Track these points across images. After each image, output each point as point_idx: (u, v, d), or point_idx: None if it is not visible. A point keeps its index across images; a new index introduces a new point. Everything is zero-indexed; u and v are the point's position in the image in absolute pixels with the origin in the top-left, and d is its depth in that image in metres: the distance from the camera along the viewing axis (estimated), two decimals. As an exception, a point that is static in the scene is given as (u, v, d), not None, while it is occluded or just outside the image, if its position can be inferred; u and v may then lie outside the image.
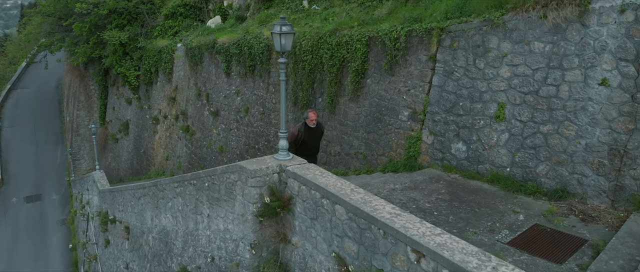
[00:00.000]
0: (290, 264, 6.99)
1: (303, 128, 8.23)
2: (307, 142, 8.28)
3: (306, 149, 8.26)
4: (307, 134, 8.23)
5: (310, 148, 8.37)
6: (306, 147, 8.28)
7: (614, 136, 7.28)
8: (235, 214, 7.24)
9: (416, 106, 9.77)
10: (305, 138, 8.22)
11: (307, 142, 8.29)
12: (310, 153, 8.37)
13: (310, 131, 8.26)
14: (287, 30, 6.72)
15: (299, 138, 8.19)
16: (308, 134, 8.24)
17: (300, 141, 8.21)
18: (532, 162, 8.08)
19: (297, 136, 8.18)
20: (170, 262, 9.53)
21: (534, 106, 8.05)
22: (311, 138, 8.33)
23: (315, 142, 8.52)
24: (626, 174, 7.21)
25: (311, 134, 8.30)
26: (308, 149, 8.31)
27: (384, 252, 5.39)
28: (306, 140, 8.25)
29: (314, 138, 8.41)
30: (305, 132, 8.21)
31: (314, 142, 8.46)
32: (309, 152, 8.32)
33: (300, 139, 8.20)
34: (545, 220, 7.11)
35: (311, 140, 8.35)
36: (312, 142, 8.42)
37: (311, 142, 8.38)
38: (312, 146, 8.46)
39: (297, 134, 8.19)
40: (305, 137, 8.21)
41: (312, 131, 8.30)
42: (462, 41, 8.93)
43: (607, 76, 7.32)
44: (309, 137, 8.28)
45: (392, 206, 5.67)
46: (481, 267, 4.47)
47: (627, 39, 7.14)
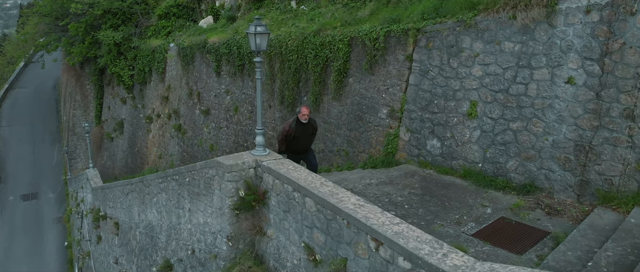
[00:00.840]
0: (266, 255, 7.27)
1: (294, 124, 8.12)
2: (298, 138, 8.17)
3: (297, 145, 8.22)
4: (299, 130, 8.13)
5: (301, 144, 8.29)
6: (297, 143, 8.21)
7: (579, 132, 7.56)
8: (214, 207, 7.51)
9: (394, 104, 10.04)
10: (296, 134, 8.11)
11: (299, 138, 8.18)
12: (302, 150, 8.34)
13: (302, 127, 8.16)
14: (261, 31, 6.99)
15: (290, 133, 8.10)
16: (300, 130, 8.14)
17: (291, 136, 8.11)
18: (503, 158, 8.36)
19: (288, 131, 8.09)
20: (156, 256, 9.81)
21: (504, 104, 8.33)
22: (302, 134, 8.20)
23: (307, 139, 8.38)
24: (591, 169, 7.49)
25: (303, 130, 8.19)
26: (299, 145, 8.25)
27: (347, 242, 5.67)
28: (297, 135, 8.14)
29: (305, 134, 8.27)
30: (296, 127, 8.10)
31: (305, 138, 8.32)
32: (300, 148, 8.30)
33: (291, 135, 8.10)
34: (511, 213, 7.39)
35: (302, 136, 8.22)
36: (304, 139, 8.30)
37: (302, 138, 8.25)
38: (304, 142, 8.33)
39: (288, 130, 8.09)
40: (296, 133, 8.11)
41: (304, 127, 8.18)
42: (437, 41, 9.21)
43: (573, 75, 7.60)
44: (301, 132, 8.17)
45: (356, 198, 5.94)
46: (432, 253, 4.74)
47: (592, 39, 7.42)
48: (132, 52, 23.01)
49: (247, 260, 7.17)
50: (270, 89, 13.88)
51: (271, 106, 13.95)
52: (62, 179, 32.43)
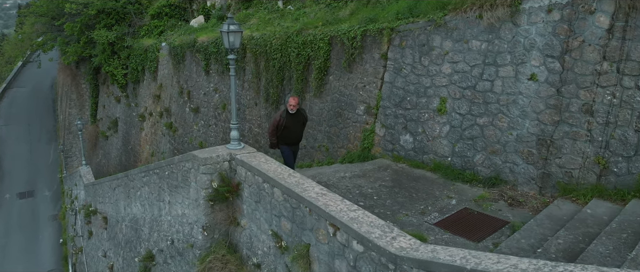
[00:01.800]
0: (240, 244, 7.60)
1: (284, 114, 8.40)
2: (288, 127, 8.42)
3: (288, 136, 8.49)
4: (289, 120, 8.40)
5: (292, 135, 8.54)
6: (288, 133, 8.47)
7: (541, 127, 7.89)
8: (190, 199, 7.84)
9: (370, 101, 10.37)
10: (286, 124, 8.38)
11: (289, 128, 8.43)
12: (292, 141, 8.63)
13: (291, 117, 8.40)
14: (234, 29, 7.34)
15: (280, 124, 8.36)
16: (289, 120, 8.40)
17: (282, 126, 8.37)
18: (470, 152, 8.69)
19: (279, 121, 8.35)
20: (139, 247, 10.14)
21: (472, 100, 8.66)
22: (292, 124, 8.46)
23: (297, 129, 8.62)
24: (552, 163, 7.82)
25: (292, 120, 8.44)
26: (290, 135, 8.51)
27: (310, 228, 6.00)
28: (288, 125, 8.40)
29: (295, 124, 8.52)
30: (286, 118, 8.37)
31: (295, 128, 8.56)
32: (291, 139, 8.58)
33: (282, 125, 8.36)
34: (475, 204, 7.72)
35: (292, 126, 8.47)
36: (294, 129, 8.54)
37: (293, 128, 8.50)
38: (294, 132, 8.57)
39: (279, 120, 8.35)
40: (286, 123, 8.38)
41: (293, 117, 8.43)
42: (409, 40, 9.54)
43: (536, 72, 7.93)
44: (290, 123, 8.42)
45: (320, 188, 6.28)
46: (382, 236, 5.07)
47: (553, 37, 7.75)
48: (126, 51, 23.35)
49: (221, 249, 7.50)
50: (256, 87, 14.21)
51: (257, 104, 14.28)
52: (58, 177, 32.74)
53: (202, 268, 7.43)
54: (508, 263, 4.03)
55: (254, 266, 7.11)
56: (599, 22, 7.32)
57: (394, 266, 4.80)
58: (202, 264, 7.46)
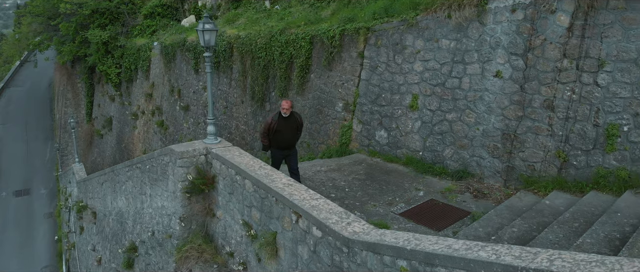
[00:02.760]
0: (215, 234, 7.93)
1: (277, 117, 7.99)
2: (280, 131, 7.99)
3: (281, 140, 8.05)
4: (281, 124, 7.97)
5: (283, 139, 8.07)
6: (281, 138, 8.03)
7: (506, 122, 8.21)
8: (169, 191, 8.17)
9: (348, 98, 10.70)
10: (278, 127, 7.95)
11: (281, 132, 8.00)
12: (285, 145, 8.14)
13: (284, 121, 7.98)
14: (209, 28, 7.66)
15: (272, 127, 7.94)
16: (282, 124, 7.97)
17: (273, 130, 7.95)
18: (440, 146, 9.01)
19: (271, 124, 7.94)
20: (124, 240, 10.47)
21: (441, 97, 8.99)
22: (285, 128, 8.00)
23: (290, 133, 8.13)
24: (516, 156, 8.15)
25: (285, 124, 8.00)
26: (283, 140, 8.06)
27: (276, 217, 6.33)
28: (279, 129, 7.97)
29: (288, 128, 8.05)
30: (278, 121, 7.96)
31: (288, 132, 8.09)
32: (283, 143, 8.10)
33: (273, 129, 7.94)
34: (441, 196, 8.05)
35: (285, 130, 8.02)
36: (286, 133, 8.07)
37: (285, 132, 8.04)
38: (286, 136, 8.09)
39: (271, 123, 7.95)
40: (278, 127, 7.95)
41: (286, 121, 8.00)
42: (384, 39, 9.86)
43: (501, 69, 8.26)
44: (283, 126, 7.98)
45: (288, 179, 6.61)
46: (339, 222, 5.40)
47: (517, 36, 8.08)
48: (119, 50, 23.67)
49: (197, 239, 7.83)
50: (242, 85, 14.53)
51: (243, 101, 14.61)
52: (54, 175, 33.08)
53: (179, 257, 7.76)
54: (444, 244, 4.36)
55: (227, 254, 7.44)
56: (560, 21, 7.64)
57: (347, 249, 5.13)
58: (179, 253, 7.79)
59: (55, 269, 24.99)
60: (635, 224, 6.02)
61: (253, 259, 6.87)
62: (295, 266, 6.06)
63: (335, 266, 5.37)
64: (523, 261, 3.66)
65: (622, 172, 7.16)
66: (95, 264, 13.19)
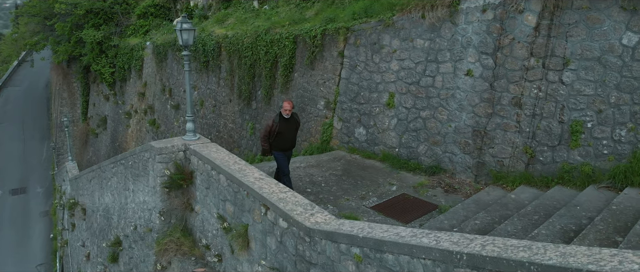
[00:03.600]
0: (194, 228, 8.18)
1: (278, 119, 7.93)
2: (282, 133, 7.96)
3: (282, 141, 8.01)
4: (282, 125, 7.93)
5: (285, 140, 8.04)
6: (282, 139, 7.99)
7: (476, 119, 8.46)
8: (149, 187, 8.41)
9: (329, 96, 10.95)
10: (280, 129, 7.91)
11: (283, 133, 7.97)
12: (286, 146, 8.13)
13: (285, 122, 7.95)
14: (187, 27, 7.90)
15: (273, 129, 7.89)
16: (283, 125, 7.93)
17: (275, 132, 7.91)
18: (414, 143, 9.26)
19: (272, 126, 7.89)
20: (110, 234, 10.71)
21: (416, 95, 9.23)
22: (286, 129, 7.99)
23: (291, 134, 8.14)
24: (486, 152, 8.40)
25: (286, 125, 7.97)
26: (284, 140, 8.02)
27: (248, 210, 6.57)
28: (281, 131, 7.93)
29: (289, 129, 8.05)
30: (280, 123, 7.91)
31: (289, 133, 8.08)
32: (285, 144, 8.09)
33: (275, 131, 7.90)
34: (413, 191, 8.29)
35: (286, 131, 8.00)
36: (288, 134, 8.05)
37: (287, 133, 8.02)
38: (288, 137, 8.07)
39: (272, 125, 7.91)
40: (280, 128, 7.91)
41: (288, 122, 7.99)
42: (363, 39, 10.11)
43: (472, 68, 8.50)
44: (284, 128, 7.96)
45: (260, 173, 6.85)
46: (303, 213, 5.64)
47: (487, 35, 8.32)
48: (113, 50, 23.93)
49: (176, 232, 8.08)
50: (230, 84, 14.77)
51: (231, 100, 14.85)
52: (50, 174, 33.32)
53: (158, 250, 8.00)
54: (393, 232, 4.60)
55: (204, 247, 7.69)
56: (528, 20, 7.89)
57: (309, 239, 5.38)
58: (158, 246, 8.03)
59: (50, 266, 25.24)
60: (592, 217, 6.27)
61: (227, 251, 7.12)
62: (264, 256, 6.30)
63: (299, 255, 5.62)
64: (459, 246, 3.90)
65: (586, 167, 7.40)
66: (84, 259, 13.43)
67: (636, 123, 7.04)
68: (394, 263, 4.39)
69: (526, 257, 3.42)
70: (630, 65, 7.05)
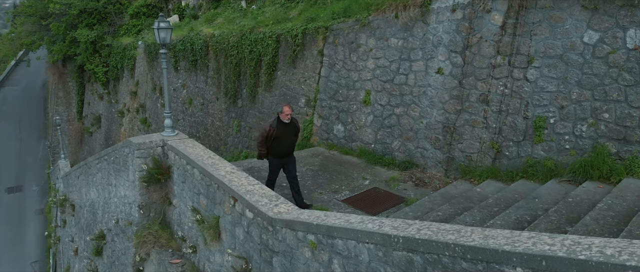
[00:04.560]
0: (172, 221, 8.45)
1: (275, 123, 7.56)
2: (280, 138, 7.58)
3: (280, 147, 7.64)
4: (281, 130, 7.57)
5: (284, 145, 7.66)
6: (280, 145, 7.62)
7: (446, 115, 8.72)
8: (129, 181, 8.68)
9: (310, 94, 11.21)
10: (278, 134, 7.55)
11: (280, 138, 7.59)
12: (285, 152, 7.75)
13: (284, 127, 7.59)
14: (164, 26, 8.16)
15: (271, 134, 7.53)
16: (281, 130, 7.57)
17: (272, 137, 7.55)
18: (389, 139, 9.52)
19: (269, 131, 7.52)
20: (95, 229, 10.98)
21: (390, 92, 9.50)
22: (285, 134, 7.62)
23: (290, 140, 7.77)
24: (455, 148, 8.66)
25: (285, 130, 7.62)
26: (282, 147, 7.65)
27: (219, 202, 6.83)
28: (279, 135, 7.56)
29: (288, 135, 7.69)
30: (278, 127, 7.54)
31: (288, 139, 7.71)
32: (283, 150, 7.71)
33: (272, 135, 7.54)
34: (385, 185, 8.56)
35: (285, 136, 7.63)
36: (286, 139, 7.68)
37: (285, 138, 7.65)
38: (286, 143, 7.70)
39: (269, 129, 7.53)
40: (278, 133, 7.54)
41: (286, 127, 7.63)
42: (341, 38, 10.37)
43: (442, 66, 8.77)
44: (282, 133, 7.59)
45: (231, 167, 7.11)
46: (268, 204, 5.90)
47: (456, 34, 8.58)
48: (106, 49, 24.20)
49: (154, 225, 8.35)
50: (217, 82, 15.03)
51: (218, 98, 15.11)
52: (46, 172, 33.60)
53: (137, 242, 8.27)
54: (344, 219, 4.87)
55: (180, 239, 7.95)
56: (494, 20, 8.15)
57: (272, 228, 5.65)
58: (137, 239, 8.30)
59: (44, 264, 25.53)
60: (547, 208, 6.53)
61: (201, 242, 7.38)
62: (233, 246, 6.57)
63: (263, 243, 5.89)
64: (397, 230, 4.17)
65: (549, 161, 7.67)
66: (72, 254, 13.70)
67: (596, 119, 7.31)
68: (343, 248, 4.66)
69: (453, 240, 3.68)
70: (590, 62, 7.31)
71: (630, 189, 6.59)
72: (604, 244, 3.05)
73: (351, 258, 4.59)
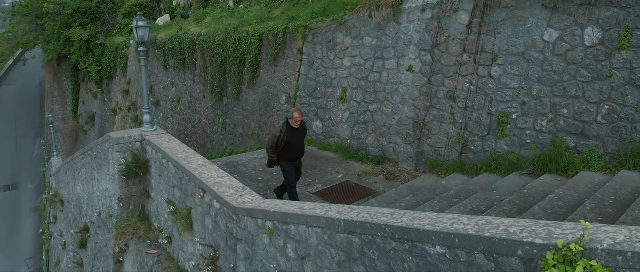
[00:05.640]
0: (150, 214, 8.74)
1: (285, 128, 7.50)
2: (290, 143, 7.55)
3: (290, 151, 7.60)
4: (291, 135, 7.53)
5: (294, 150, 7.65)
6: (290, 149, 7.58)
7: (416, 111, 9.02)
8: (110, 175, 8.97)
9: (290, 92, 11.51)
10: (288, 139, 7.51)
11: (291, 143, 7.56)
12: (296, 156, 7.75)
13: (293, 132, 7.56)
14: (142, 24, 8.45)
15: (281, 140, 7.49)
16: (291, 135, 7.53)
17: (283, 142, 7.51)
18: (364, 134, 9.82)
19: (280, 137, 7.48)
20: (81, 222, 11.28)
21: (365, 89, 9.79)
22: (295, 139, 7.60)
23: (300, 144, 7.77)
24: (425, 143, 8.96)
25: (295, 135, 7.59)
26: (292, 151, 7.62)
27: (190, 194, 7.13)
28: (289, 141, 7.53)
29: (298, 139, 7.68)
30: (288, 132, 7.49)
31: (298, 143, 7.70)
32: (294, 155, 7.70)
33: (283, 141, 7.50)
34: (357, 178, 8.85)
35: (295, 141, 7.62)
36: (297, 144, 7.67)
37: (295, 143, 7.63)
38: (297, 148, 7.69)
39: (280, 135, 7.49)
40: (288, 138, 7.51)
41: (296, 131, 7.60)
42: (319, 37, 10.67)
43: (412, 64, 9.06)
44: (293, 137, 7.56)
45: (204, 160, 7.41)
46: (233, 195, 6.19)
47: (426, 33, 8.88)
48: (100, 49, 24.49)
49: (133, 217, 8.64)
50: (204, 81, 15.33)
51: (205, 96, 15.41)
52: (42, 171, 33.88)
53: (117, 234, 8.57)
54: (299, 206, 5.16)
55: (157, 230, 8.25)
56: (461, 19, 8.45)
57: (236, 217, 5.95)
58: (117, 230, 8.60)
59: (39, 260, 25.83)
60: (502, 199, 6.83)
61: (176, 233, 7.68)
62: (203, 236, 6.87)
63: (229, 232, 6.19)
64: (340, 214, 4.47)
65: (511, 155, 7.97)
66: (61, 249, 13.99)
67: (556, 114, 7.60)
68: (295, 233, 4.96)
69: (384, 221, 3.98)
70: (550, 60, 7.61)
71: (584, 182, 6.89)
72: (512, 224, 3.34)
73: (302, 242, 4.89)
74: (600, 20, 7.10)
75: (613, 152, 7.12)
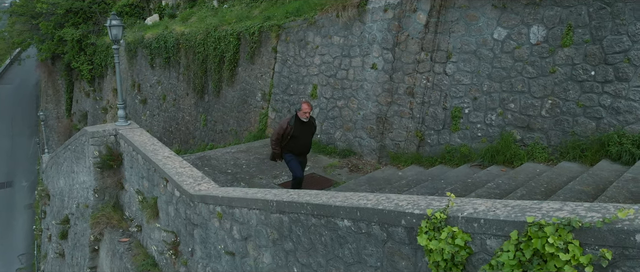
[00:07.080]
0: (124, 204, 9.18)
1: (293, 121, 7.27)
2: (297, 137, 7.32)
3: (296, 145, 7.39)
4: (298, 129, 7.29)
5: (300, 144, 7.43)
6: (296, 143, 7.37)
7: (379, 107, 9.45)
8: (87, 167, 9.41)
9: (265, 89, 11.94)
10: (295, 133, 7.27)
11: (298, 138, 7.34)
12: (301, 150, 7.55)
13: (301, 125, 7.31)
14: (116, 23, 8.89)
15: (287, 132, 7.25)
16: (299, 129, 7.29)
17: (289, 135, 7.27)
18: (332, 129, 10.26)
19: (286, 129, 7.24)
20: (62, 214, 11.72)
21: (334, 86, 10.23)
22: (302, 133, 7.35)
23: (307, 139, 7.52)
24: (387, 137, 9.40)
25: (302, 129, 7.34)
26: (298, 145, 7.41)
27: (156, 184, 7.56)
28: (296, 135, 7.30)
29: (305, 133, 7.43)
30: (295, 126, 7.25)
31: (305, 138, 7.46)
32: (300, 149, 7.49)
33: (289, 134, 7.25)
34: (322, 171, 9.28)
35: (302, 135, 7.37)
36: (303, 138, 7.43)
37: (302, 137, 7.40)
38: (303, 142, 7.46)
39: (286, 127, 7.25)
40: (295, 132, 7.26)
41: (304, 125, 7.35)
42: (292, 36, 11.10)
43: (376, 62, 9.49)
44: (300, 131, 7.31)
45: (169, 152, 7.84)
46: (191, 184, 6.62)
47: (388, 32, 9.31)
48: (91, 48, 24.93)
49: (108, 208, 9.08)
50: (187, 78, 15.76)
51: (188, 94, 15.84)
52: (36, 168, 34.33)
53: (92, 223, 9.00)
54: (251, 192, 5.58)
55: (129, 219, 8.69)
56: (419, 19, 8.88)
57: (192, 204, 6.38)
58: (92, 220, 9.03)
59: (31, 256, 26.29)
60: (445, 187, 7.26)
61: (144, 221, 8.11)
62: (167, 223, 7.30)
63: (187, 218, 6.62)
64: (275, 196, 4.90)
65: (464, 148, 8.40)
66: (47, 241, 14.43)
67: (504, 108, 8.04)
68: (239, 216, 5.39)
69: (307, 200, 4.41)
70: (499, 57, 8.04)
71: (525, 172, 7.33)
72: (404, 198, 3.77)
73: (245, 224, 5.32)
74: (545, 18, 7.52)
75: (555, 144, 7.55)
